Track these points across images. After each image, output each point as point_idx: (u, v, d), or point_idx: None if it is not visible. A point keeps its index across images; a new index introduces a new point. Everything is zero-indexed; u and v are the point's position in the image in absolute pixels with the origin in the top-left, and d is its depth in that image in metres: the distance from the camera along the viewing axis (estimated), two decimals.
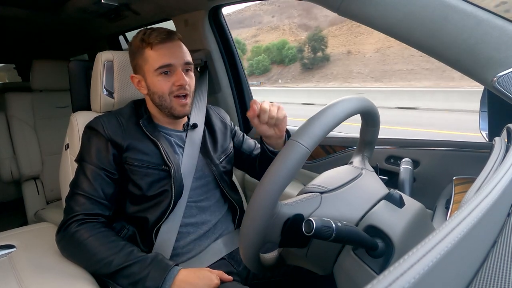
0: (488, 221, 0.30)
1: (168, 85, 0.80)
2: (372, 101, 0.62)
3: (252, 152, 1.04)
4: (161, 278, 0.66)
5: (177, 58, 0.80)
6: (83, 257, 0.71)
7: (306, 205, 0.53)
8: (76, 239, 0.70)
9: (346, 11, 0.67)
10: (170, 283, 0.66)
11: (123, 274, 0.67)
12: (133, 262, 0.68)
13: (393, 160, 1.02)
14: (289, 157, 0.47)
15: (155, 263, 0.69)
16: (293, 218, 0.50)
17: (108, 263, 0.68)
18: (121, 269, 0.67)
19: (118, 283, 0.68)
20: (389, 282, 0.18)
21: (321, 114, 0.51)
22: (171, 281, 0.66)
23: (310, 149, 0.47)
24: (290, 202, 0.52)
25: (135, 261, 0.68)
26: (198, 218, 0.85)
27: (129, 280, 0.67)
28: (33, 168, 1.77)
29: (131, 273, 0.67)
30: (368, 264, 0.49)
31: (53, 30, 1.98)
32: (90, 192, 0.75)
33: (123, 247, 0.71)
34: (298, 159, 0.47)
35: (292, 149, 0.47)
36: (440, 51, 0.62)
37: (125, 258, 0.68)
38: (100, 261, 0.68)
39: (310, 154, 0.48)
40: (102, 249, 0.69)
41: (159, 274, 0.67)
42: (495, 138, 0.61)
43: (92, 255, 0.69)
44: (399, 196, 0.54)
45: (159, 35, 0.79)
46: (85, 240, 0.70)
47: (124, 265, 0.67)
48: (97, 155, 0.77)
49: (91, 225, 0.72)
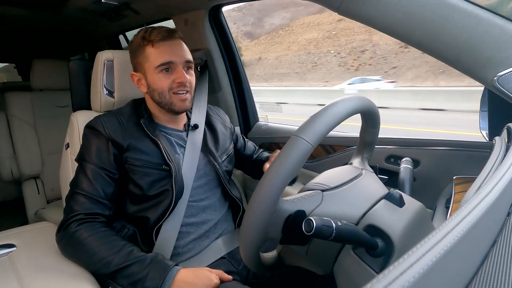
0: (488, 221, 0.30)
1: (168, 82, 0.80)
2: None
3: (253, 155, 1.07)
4: (160, 279, 0.66)
5: (178, 56, 0.80)
6: (82, 257, 0.71)
7: (308, 202, 0.53)
8: (76, 239, 0.70)
9: (346, 11, 0.67)
10: (170, 283, 0.66)
11: (122, 274, 0.67)
12: (132, 262, 0.68)
13: (393, 160, 1.02)
14: (293, 152, 0.47)
15: (154, 263, 0.68)
16: (294, 214, 0.50)
17: (107, 263, 0.68)
18: (120, 269, 0.67)
19: (117, 283, 0.68)
20: (389, 281, 0.18)
21: (324, 111, 0.51)
22: (170, 281, 0.66)
23: (313, 145, 0.47)
24: (291, 198, 0.52)
25: (135, 261, 0.68)
26: (198, 217, 0.85)
27: (129, 280, 0.67)
28: (33, 167, 1.77)
29: (130, 273, 0.67)
30: (368, 264, 0.49)
31: (53, 30, 1.98)
32: (90, 191, 0.74)
33: (123, 247, 0.70)
34: (301, 155, 0.46)
35: (296, 145, 0.47)
36: (440, 51, 0.62)
37: (125, 258, 0.68)
38: (100, 261, 0.68)
39: (311, 153, 0.48)
40: (101, 248, 0.69)
41: (158, 274, 0.66)
42: (495, 138, 0.61)
43: (91, 254, 0.69)
44: (399, 195, 0.54)
45: (160, 33, 0.80)
46: (84, 240, 0.70)
47: (124, 265, 0.67)
48: (98, 155, 0.77)
49: (91, 224, 0.72)
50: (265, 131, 1.44)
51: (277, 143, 1.38)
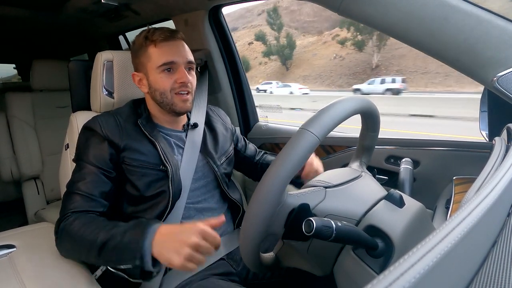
0: (488, 221, 0.30)
1: (170, 82, 0.80)
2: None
3: (254, 157, 1.07)
4: (141, 234, 0.62)
5: (180, 56, 0.81)
6: (75, 247, 0.69)
7: (311, 197, 0.53)
8: (68, 232, 0.69)
9: (346, 11, 0.67)
10: (152, 237, 0.62)
11: (108, 246, 0.64)
12: (116, 232, 0.65)
13: (393, 160, 1.02)
14: (299, 144, 0.47)
15: (136, 225, 0.66)
16: (299, 208, 0.50)
17: (94, 241, 0.65)
18: (106, 243, 0.64)
19: (108, 264, 0.64)
20: (389, 282, 0.18)
21: (331, 107, 0.51)
22: (152, 235, 0.62)
23: (320, 138, 0.47)
24: (295, 193, 0.53)
25: (118, 231, 0.65)
26: (196, 219, 0.84)
27: (116, 252, 0.63)
28: (33, 168, 1.77)
29: (116, 243, 0.63)
30: (368, 264, 0.49)
31: (53, 30, 1.98)
32: (85, 190, 0.73)
33: (109, 223, 0.68)
34: (308, 147, 0.47)
35: (303, 137, 0.47)
36: (440, 51, 0.62)
37: (109, 231, 0.65)
38: (89, 243, 0.65)
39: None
40: (88, 230, 0.67)
41: (139, 231, 0.63)
42: (495, 138, 0.61)
43: (81, 239, 0.66)
44: (399, 196, 0.54)
45: (163, 33, 0.80)
46: (74, 229, 0.68)
47: (108, 237, 0.64)
48: (94, 154, 0.77)
49: (82, 215, 0.71)
50: (265, 131, 1.44)
51: (277, 144, 1.38)
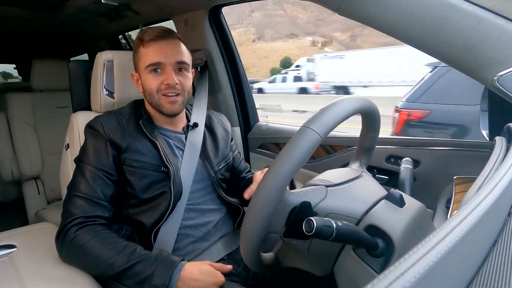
0: (488, 221, 0.30)
1: (156, 83, 0.80)
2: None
3: (243, 173, 1.03)
4: (167, 275, 0.65)
5: (167, 57, 0.79)
6: (85, 262, 0.69)
7: (313, 195, 0.53)
8: (76, 244, 0.68)
9: (346, 11, 0.67)
10: (176, 279, 0.65)
11: (127, 274, 0.66)
12: (137, 261, 0.67)
13: (393, 160, 1.02)
14: (301, 142, 0.46)
15: (159, 260, 0.67)
16: (300, 206, 0.50)
17: (110, 264, 0.66)
18: (125, 270, 0.66)
19: (123, 284, 0.67)
20: (390, 281, 0.18)
21: (333, 105, 0.51)
22: (177, 277, 0.65)
23: (322, 136, 0.47)
24: (296, 191, 0.52)
25: (139, 260, 0.67)
26: (197, 220, 0.84)
27: (135, 280, 0.65)
28: (34, 168, 1.77)
29: (136, 272, 0.66)
30: (369, 264, 0.49)
31: (53, 30, 1.98)
32: (88, 193, 0.73)
33: (125, 247, 0.69)
34: (310, 145, 0.46)
35: (304, 135, 0.47)
36: (440, 51, 0.62)
37: (128, 257, 0.67)
38: (103, 263, 0.67)
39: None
40: (103, 250, 0.68)
41: (165, 271, 0.65)
42: (496, 138, 0.61)
43: (93, 258, 0.67)
44: (400, 195, 0.54)
45: (152, 33, 0.79)
46: (85, 244, 0.68)
47: (128, 265, 0.66)
48: (96, 156, 0.76)
49: (91, 227, 0.71)
50: (265, 131, 1.44)
51: (278, 143, 1.38)
